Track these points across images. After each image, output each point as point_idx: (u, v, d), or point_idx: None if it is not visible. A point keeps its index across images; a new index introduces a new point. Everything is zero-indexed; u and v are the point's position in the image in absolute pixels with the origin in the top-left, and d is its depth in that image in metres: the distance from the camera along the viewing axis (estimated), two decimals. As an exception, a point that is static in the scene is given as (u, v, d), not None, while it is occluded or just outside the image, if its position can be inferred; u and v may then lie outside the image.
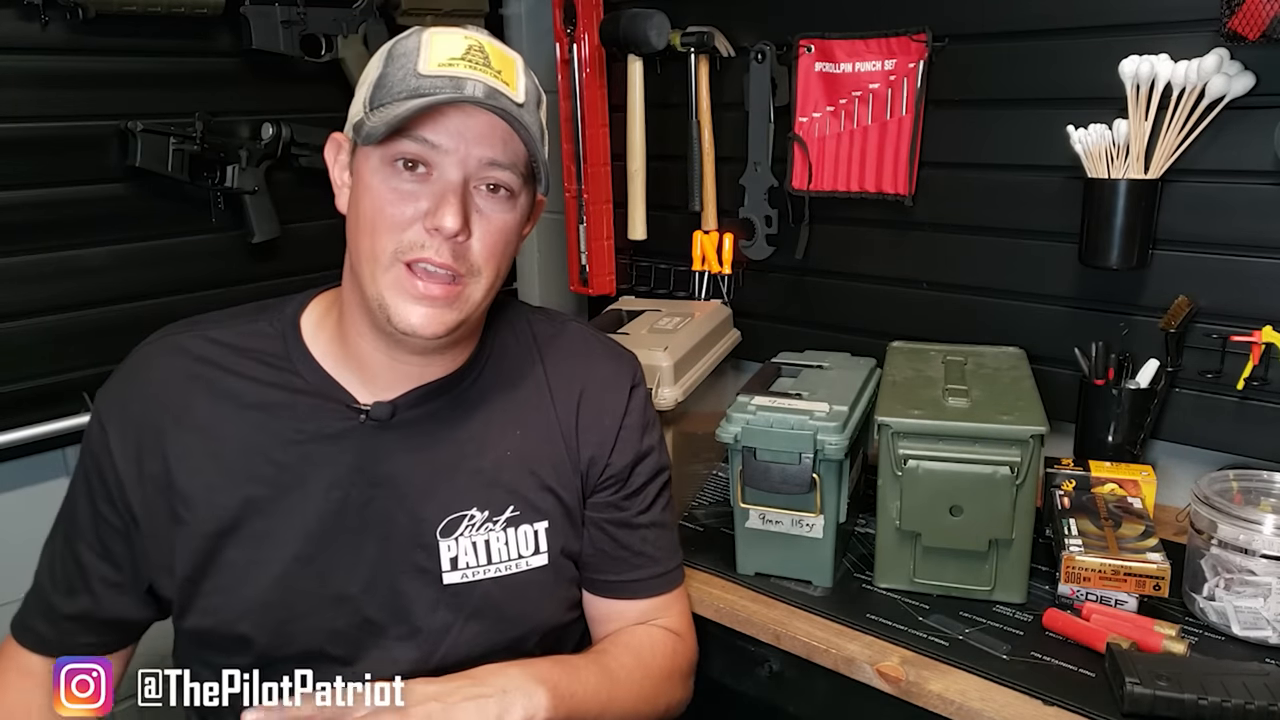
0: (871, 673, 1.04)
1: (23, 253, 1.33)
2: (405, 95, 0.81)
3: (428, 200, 0.83)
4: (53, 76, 1.33)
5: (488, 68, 0.84)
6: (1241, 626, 1.04)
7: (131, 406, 0.91)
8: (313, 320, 0.95)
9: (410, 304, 0.84)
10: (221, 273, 1.53)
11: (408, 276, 0.84)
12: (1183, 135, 1.24)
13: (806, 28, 1.57)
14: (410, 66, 0.83)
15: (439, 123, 0.82)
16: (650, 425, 1.05)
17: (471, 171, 0.84)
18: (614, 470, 1.01)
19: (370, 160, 0.85)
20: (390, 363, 0.91)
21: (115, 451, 0.90)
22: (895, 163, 1.52)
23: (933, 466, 1.10)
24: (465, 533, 0.93)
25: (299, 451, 0.90)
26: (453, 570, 0.92)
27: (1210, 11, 1.17)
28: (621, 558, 1.02)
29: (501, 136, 0.84)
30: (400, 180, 0.83)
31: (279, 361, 0.92)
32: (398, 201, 0.83)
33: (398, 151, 0.83)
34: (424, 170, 0.83)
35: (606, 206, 1.86)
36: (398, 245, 0.83)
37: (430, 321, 0.84)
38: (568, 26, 1.79)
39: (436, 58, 0.83)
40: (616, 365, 1.05)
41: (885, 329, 1.52)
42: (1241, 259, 1.26)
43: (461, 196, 0.83)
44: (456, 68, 0.82)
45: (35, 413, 1.35)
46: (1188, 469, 1.34)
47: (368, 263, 0.85)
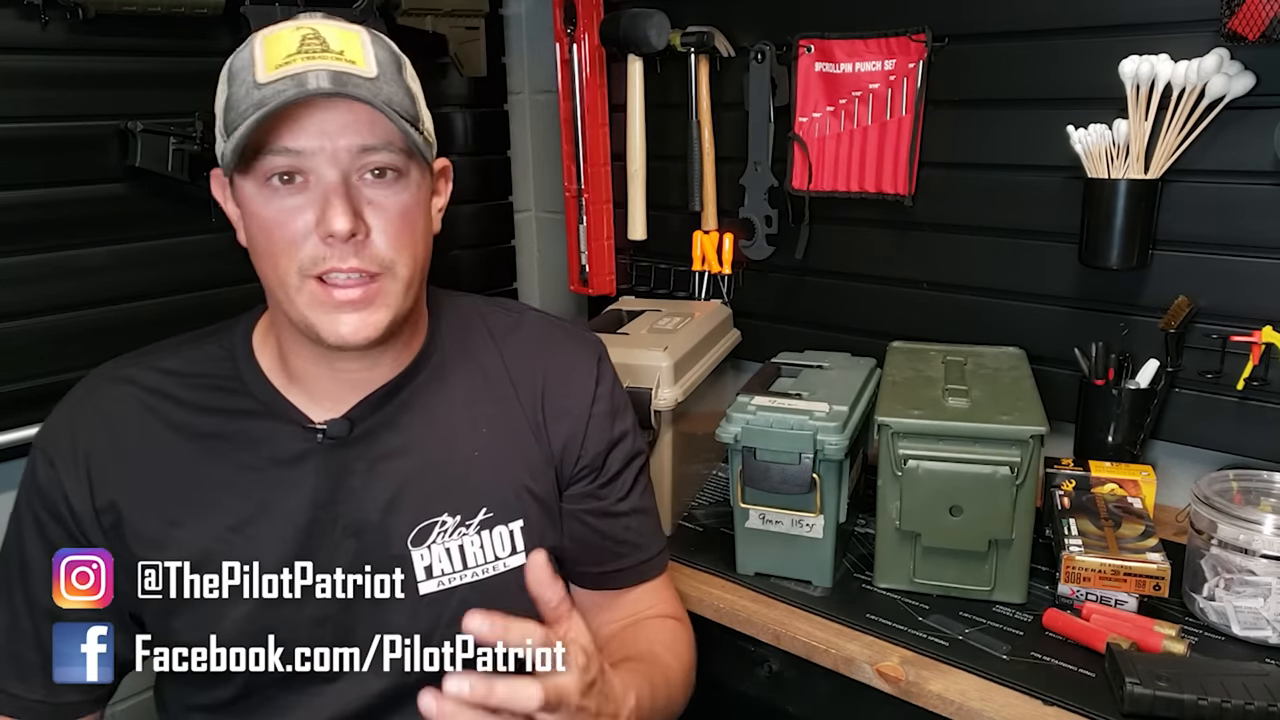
0: (871, 673, 1.04)
1: (23, 253, 1.33)
2: (252, 108, 0.76)
3: (313, 209, 0.79)
4: (53, 76, 1.33)
5: (328, 52, 0.78)
6: (1241, 626, 1.04)
7: (80, 439, 0.87)
8: (259, 341, 0.92)
9: (332, 315, 0.80)
10: (221, 273, 1.53)
11: (321, 289, 0.80)
12: (1183, 135, 1.24)
13: (806, 28, 1.57)
14: (249, 79, 0.78)
15: (295, 126, 0.77)
16: (621, 410, 1.01)
17: (347, 165, 0.79)
18: (588, 459, 0.97)
19: (246, 188, 0.81)
20: (332, 374, 0.88)
21: (68, 486, 0.86)
22: (895, 163, 1.52)
23: (933, 466, 1.10)
24: (438, 539, 0.90)
25: (260, 478, 0.88)
26: (428, 579, 0.90)
27: (1210, 11, 1.17)
28: (605, 547, 0.99)
29: (365, 119, 0.79)
30: (280, 199, 0.79)
31: (230, 383, 0.90)
32: (285, 221, 0.79)
33: (267, 169, 0.79)
34: (300, 180, 0.79)
35: (606, 206, 1.86)
36: (299, 264, 0.79)
37: (360, 327, 0.81)
38: (568, 26, 1.79)
39: (273, 60, 0.78)
40: (579, 352, 1.01)
41: (885, 329, 1.52)
42: (1241, 259, 1.26)
43: (345, 195, 0.78)
44: (294, 63, 0.77)
45: (35, 413, 1.34)
46: (1188, 469, 1.34)
47: (279, 288, 0.82)
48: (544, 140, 2.02)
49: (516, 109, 2.01)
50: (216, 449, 0.88)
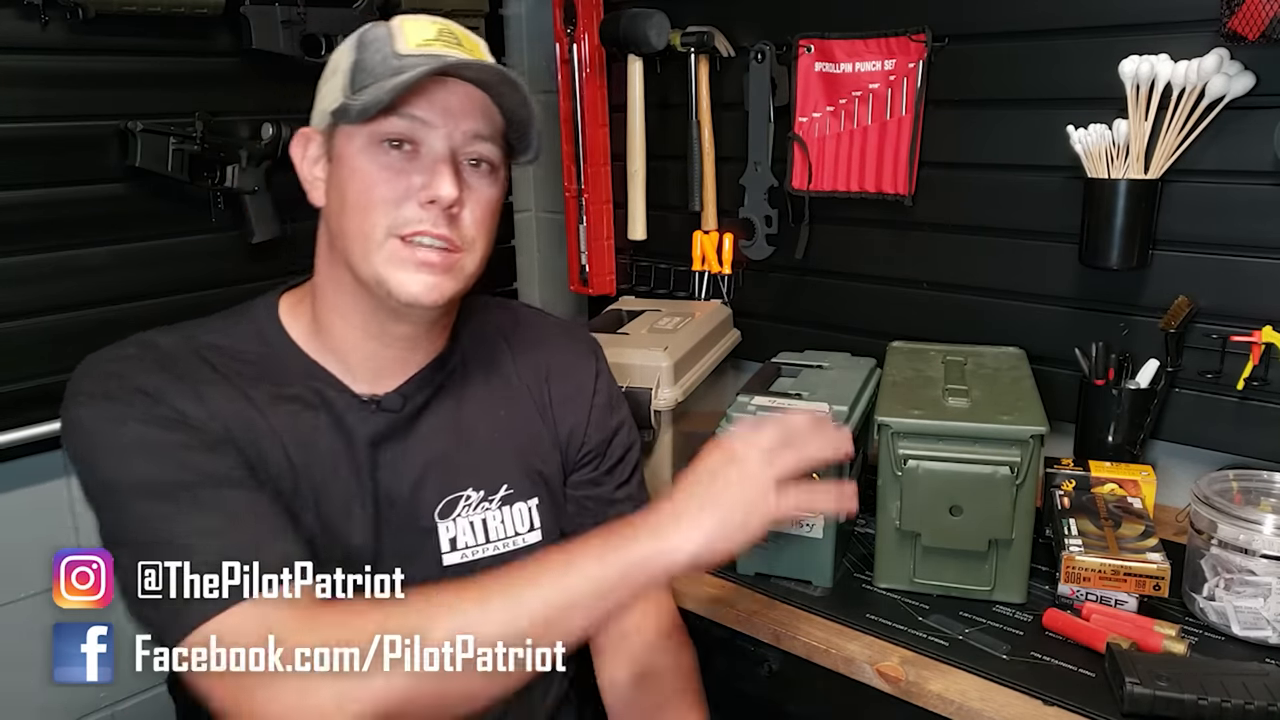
0: (871, 673, 1.04)
1: (23, 253, 1.33)
2: (390, 74, 0.82)
3: (419, 175, 0.84)
4: (53, 76, 1.33)
5: (460, 48, 0.86)
6: (1241, 626, 1.04)
7: (160, 356, 0.85)
8: (287, 319, 0.94)
9: (410, 273, 0.84)
10: (221, 273, 1.53)
11: (404, 248, 0.85)
12: (1183, 135, 1.24)
13: (806, 28, 1.57)
14: (387, 50, 0.84)
15: (425, 98, 0.83)
16: (618, 401, 1.08)
17: (458, 145, 0.85)
18: (590, 446, 1.03)
19: (354, 142, 0.85)
20: (378, 350, 0.92)
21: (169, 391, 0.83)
22: (895, 163, 1.52)
23: (933, 466, 1.10)
24: (463, 513, 0.95)
25: (312, 420, 0.89)
26: (452, 551, 0.94)
27: (1210, 11, 1.17)
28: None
29: (483, 109, 0.86)
30: (389, 158, 0.84)
31: (267, 361, 0.91)
32: (390, 179, 0.84)
33: (385, 130, 0.84)
34: (410, 148, 0.84)
35: (606, 206, 1.86)
36: (392, 221, 0.84)
37: (430, 289, 0.85)
38: (568, 26, 1.79)
39: (413, 39, 0.85)
40: (578, 346, 1.08)
41: (885, 329, 1.52)
42: (1241, 259, 1.26)
43: (453, 167, 0.84)
44: (434, 47, 0.84)
45: (35, 413, 1.35)
46: (1188, 469, 1.34)
47: (359, 242, 0.85)
48: (544, 140, 2.01)
49: (516, 109, 2.01)
50: (265, 397, 0.88)
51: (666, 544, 0.75)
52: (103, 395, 0.83)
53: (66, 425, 0.84)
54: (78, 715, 1.46)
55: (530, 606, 0.73)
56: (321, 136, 0.89)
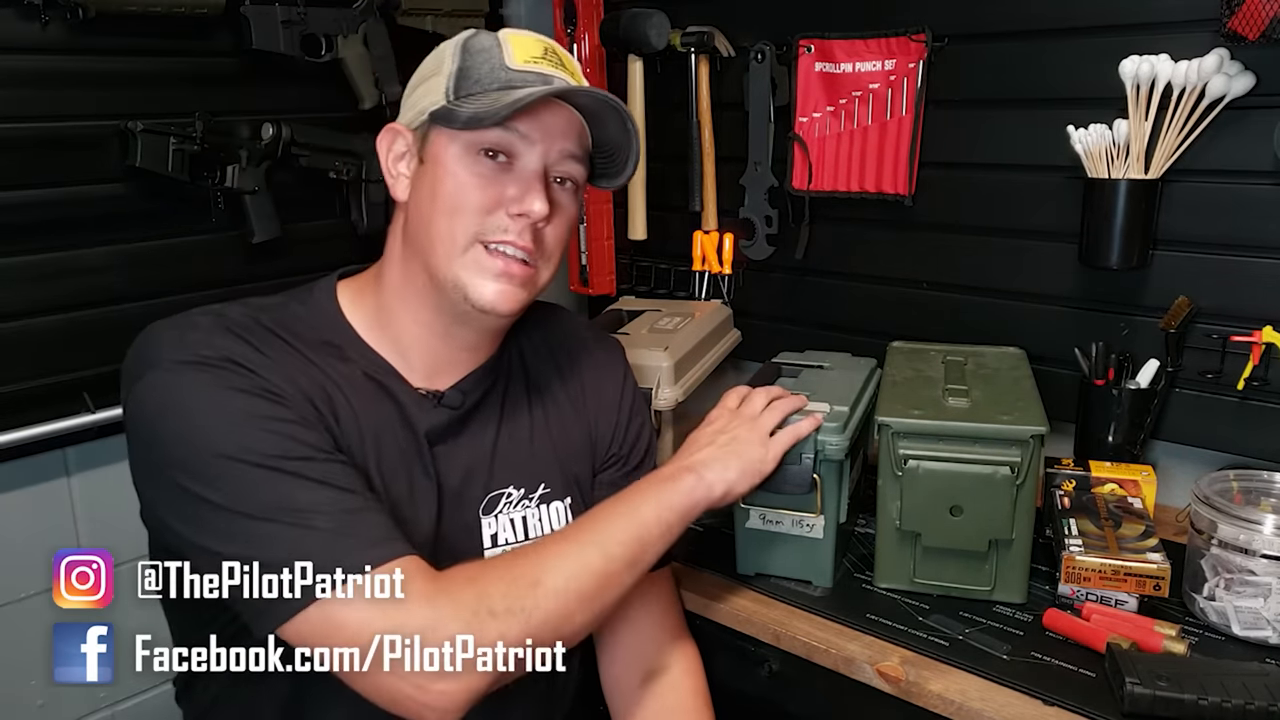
0: (871, 673, 1.04)
1: (23, 253, 1.32)
2: (499, 86, 0.86)
3: (513, 187, 0.87)
4: (53, 76, 1.33)
5: (563, 68, 0.90)
6: (1241, 626, 1.04)
7: (235, 328, 0.84)
8: (348, 308, 0.94)
9: (488, 281, 0.88)
10: (221, 273, 1.53)
11: (487, 256, 0.88)
12: (1183, 135, 1.24)
13: (806, 28, 1.57)
14: (496, 61, 0.88)
15: (530, 116, 0.86)
16: (641, 404, 1.12)
17: (551, 162, 0.89)
18: (617, 448, 1.07)
19: (452, 146, 0.87)
20: (442, 349, 0.94)
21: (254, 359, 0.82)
22: (895, 163, 1.52)
23: (933, 466, 1.10)
24: (504, 510, 0.97)
25: (376, 410, 0.90)
26: (493, 547, 0.96)
27: (1210, 11, 1.17)
28: None
29: (578, 131, 0.91)
30: (483, 167, 0.87)
31: (326, 348, 0.90)
32: (483, 186, 0.87)
33: (485, 140, 0.86)
34: (505, 160, 0.87)
35: (606, 206, 1.86)
36: (479, 228, 0.87)
37: (506, 299, 0.88)
38: (568, 26, 1.79)
39: (521, 54, 0.88)
40: (608, 350, 1.12)
41: (885, 329, 1.52)
42: (1241, 259, 1.26)
43: (545, 184, 0.88)
44: (541, 65, 0.89)
45: (35, 413, 1.35)
46: (1188, 469, 1.34)
47: (443, 243, 0.87)
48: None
49: (516, 109, 2.01)
50: (332, 377, 0.88)
51: (704, 480, 0.97)
52: (195, 362, 0.79)
53: (150, 396, 0.79)
54: (78, 715, 1.46)
55: (618, 543, 0.87)
56: (413, 135, 0.91)
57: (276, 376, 0.82)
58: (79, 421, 1.36)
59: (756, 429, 1.06)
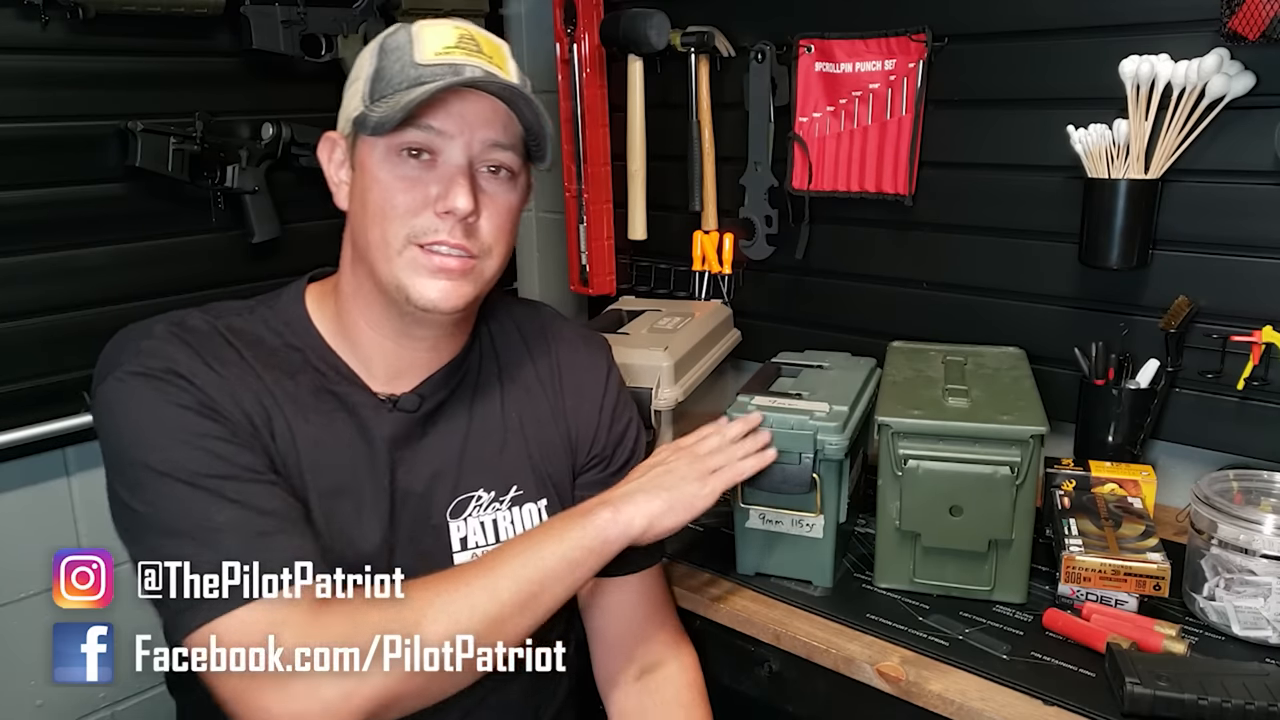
0: (871, 673, 1.04)
1: (22, 253, 1.33)
2: (408, 84, 0.84)
3: (436, 185, 0.86)
4: (53, 76, 1.33)
5: (480, 54, 0.87)
6: (1241, 626, 1.04)
7: (189, 337, 0.86)
8: (314, 311, 0.95)
9: (427, 279, 0.87)
10: (221, 273, 1.53)
11: (423, 255, 0.87)
12: (1183, 135, 1.24)
13: (806, 28, 1.57)
14: (407, 58, 0.86)
15: (442, 109, 0.85)
16: (627, 403, 1.10)
17: (475, 154, 0.87)
18: (598, 449, 1.05)
19: (375, 151, 0.87)
20: (399, 350, 0.93)
21: (200, 374, 0.84)
22: (895, 163, 1.52)
23: (933, 466, 1.10)
24: (474, 513, 0.96)
25: (329, 419, 0.90)
26: (463, 550, 0.95)
27: (1210, 11, 1.17)
28: None
29: (502, 119, 0.87)
30: (407, 168, 0.86)
31: (288, 352, 0.92)
32: (407, 189, 0.86)
33: (403, 141, 0.85)
34: (429, 157, 0.86)
35: (606, 206, 1.86)
36: (410, 230, 0.86)
37: (448, 295, 0.87)
38: (568, 26, 1.79)
39: (431, 47, 0.86)
40: (591, 349, 1.09)
41: (885, 329, 1.52)
42: (1241, 259, 1.26)
43: (470, 178, 0.86)
44: (453, 55, 0.85)
45: (35, 413, 1.35)
46: (1188, 469, 1.34)
47: (379, 249, 0.87)
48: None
49: (516, 109, 2.01)
50: (291, 388, 0.89)
51: (620, 516, 0.91)
52: (142, 373, 0.83)
53: (101, 401, 0.84)
54: (78, 715, 1.46)
55: (510, 584, 0.83)
56: (345, 142, 0.91)
57: (217, 391, 0.84)
58: (79, 421, 1.36)
59: (697, 464, 1.00)
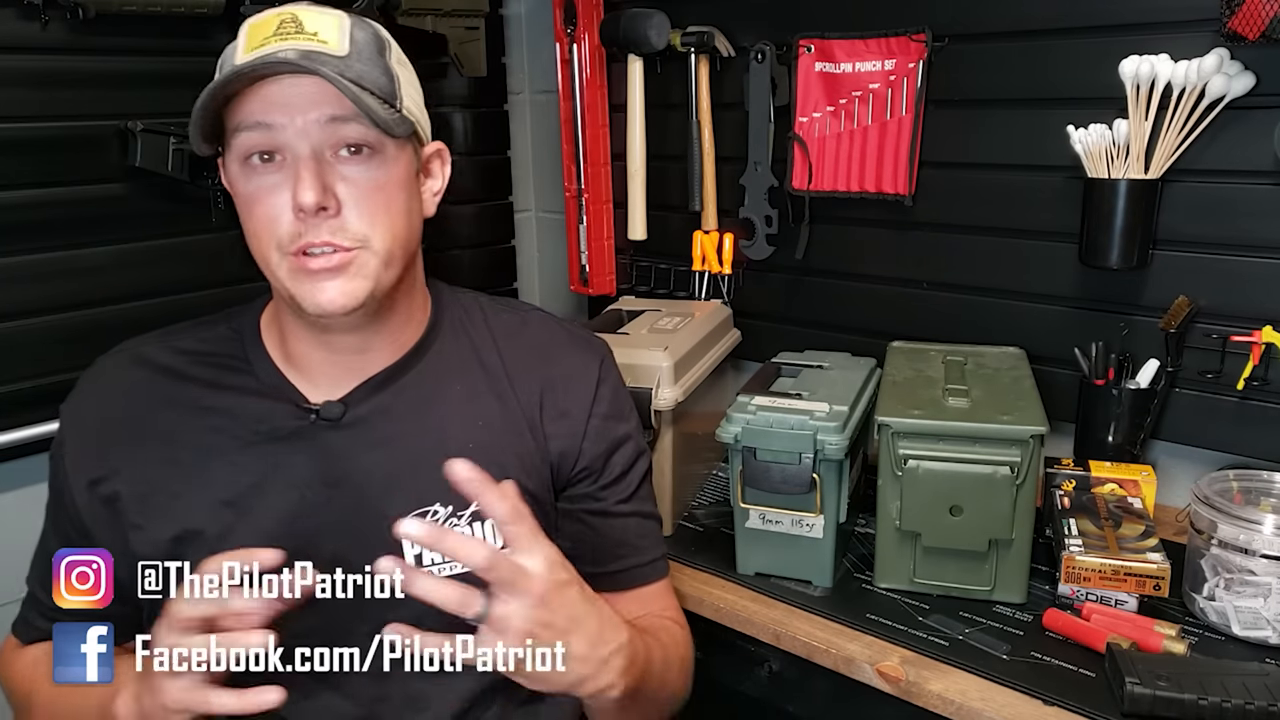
0: (871, 673, 1.04)
1: (23, 253, 1.33)
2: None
3: (288, 186, 0.80)
4: (53, 76, 1.33)
5: (301, 33, 0.81)
6: (1241, 626, 1.04)
7: (88, 415, 0.91)
8: (265, 323, 0.95)
9: (311, 284, 0.82)
10: (221, 273, 1.53)
11: (299, 260, 0.82)
12: (1183, 135, 1.24)
13: (806, 28, 1.57)
14: (230, 61, 0.82)
15: (264, 101, 0.79)
16: (625, 413, 1.02)
17: (318, 140, 0.80)
18: (587, 461, 0.98)
19: (232, 169, 0.83)
20: (329, 357, 0.90)
21: (68, 458, 0.90)
22: (895, 163, 1.52)
23: (933, 466, 1.10)
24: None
25: (255, 453, 0.89)
26: (419, 567, 0.88)
27: (1210, 11, 1.17)
28: (603, 548, 0.99)
29: (334, 93, 0.80)
30: (260, 177, 0.81)
31: (236, 363, 0.92)
32: (264, 198, 0.81)
33: (244, 148, 0.81)
34: (280, 158, 0.81)
35: (606, 206, 1.86)
36: (278, 240, 0.82)
37: (336, 295, 0.82)
38: (568, 26, 1.79)
39: (251, 43, 0.81)
40: (582, 356, 1.01)
41: (885, 329, 1.52)
42: (1241, 259, 1.26)
43: (314, 169, 0.80)
44: (268, 45, 0.80)
45: (35, 413, 1.35)
46: (1188, 469, 1.34)
47: (264, 264, 0.84)
48: (544, 140, 2.02)
49: (516, 109, 2.01)
50: (219, 425, 0.90)
51: None
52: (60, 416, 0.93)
53: None
54: (78, 715, 1.46)
55: None
56: (223, 161, 0.87)
57: (87, 462, 0.90)
58: (79, 421, 1.36)
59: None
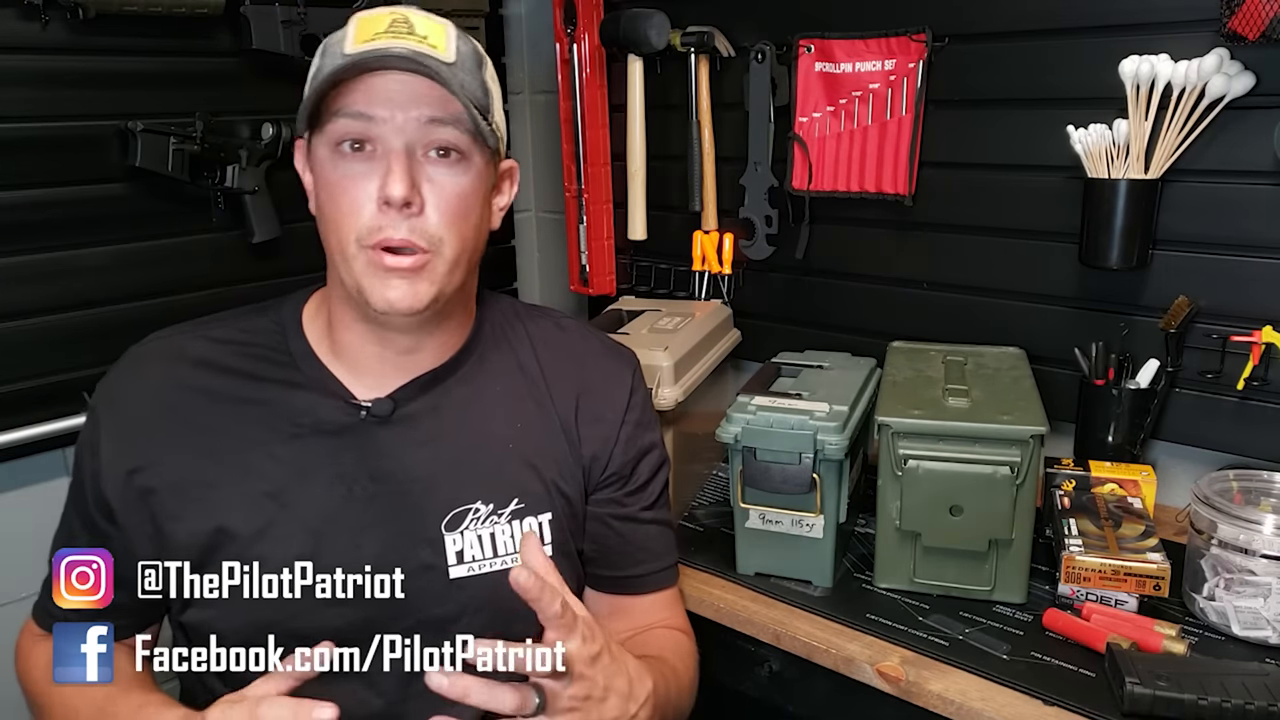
0: (871, 673, 1.04)
1: (23, 253, 1.33)
2: (331, 75, 0.82)
3: (377, 177, 0.82)
4: (53, 76, 1.33)
5: (412, 35, 0.83)
6: (1241, 626, 1.04)
7: (125, 405, 0.91)
8: (308, 317, 0.95)
9: (382, 280, 0.83)
10: (221, 273, 1.53)
11: (376, 255, 0.83)
12: (1183, 135, 1.24)
13: (806, 28, 1.57)
14: (338, 50, 0.83)
15: (369, 93, 0.81)
16: (651, 422, 1.06)
17: (414, 137, 0.82)
18: (616, 467, 1.01)
19: (319, 153, 0.85)
20: (380, 354, 0.92)
21: (104, 446, 0.90)
22: (895, 163, 1.52)
23: (933, 466, 1.10)
24: (470, 526, 0.93)
25: (299, 446, 0.90)
26: (459, 564, 0.92)
27: (1210, 11, 1.17)
28: (625, 552, 1.02)
29: (437, 96, 0.82)
30: (348, 164, 0.83)
31: (278, 356, 0.93)
32: (349, 186, 0.83)
33: (338, 133, 0.82)
34: (370, 148, 0.82)
35: (606, 206, 1.86)
36: (358, 231, 0.83)
37: (405, 295, 0.84)
38: (568, 26, 1.79)
39: (362, 35, 0.83)
40: (616, 364, 1.05)
41: (885, 329, 1.52)
42: (1241, 259, 1.26)
43: (406, 163, 0.82)
44: (379, 40, 0.82)
45: (35, 413, 1.35)
46: (1188, 469, 1.34)
47: (338, 254, 0.85)
48: (544, 140, 2.02)
49: (517, 109, 2.01)
50: (259, 416, 0.90)
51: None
52: (95, 404, 0.93)
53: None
54: (78, 715, 1.45)
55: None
56: (304, 145, 0.89)
57: (125, 451, 0.90)
58: (78, 421, 1.36)
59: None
